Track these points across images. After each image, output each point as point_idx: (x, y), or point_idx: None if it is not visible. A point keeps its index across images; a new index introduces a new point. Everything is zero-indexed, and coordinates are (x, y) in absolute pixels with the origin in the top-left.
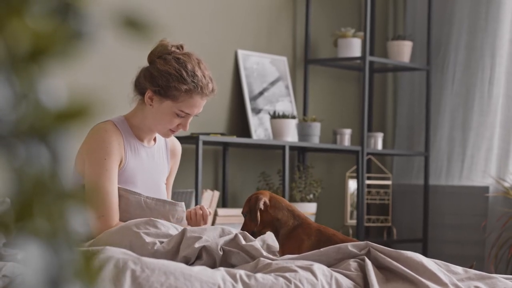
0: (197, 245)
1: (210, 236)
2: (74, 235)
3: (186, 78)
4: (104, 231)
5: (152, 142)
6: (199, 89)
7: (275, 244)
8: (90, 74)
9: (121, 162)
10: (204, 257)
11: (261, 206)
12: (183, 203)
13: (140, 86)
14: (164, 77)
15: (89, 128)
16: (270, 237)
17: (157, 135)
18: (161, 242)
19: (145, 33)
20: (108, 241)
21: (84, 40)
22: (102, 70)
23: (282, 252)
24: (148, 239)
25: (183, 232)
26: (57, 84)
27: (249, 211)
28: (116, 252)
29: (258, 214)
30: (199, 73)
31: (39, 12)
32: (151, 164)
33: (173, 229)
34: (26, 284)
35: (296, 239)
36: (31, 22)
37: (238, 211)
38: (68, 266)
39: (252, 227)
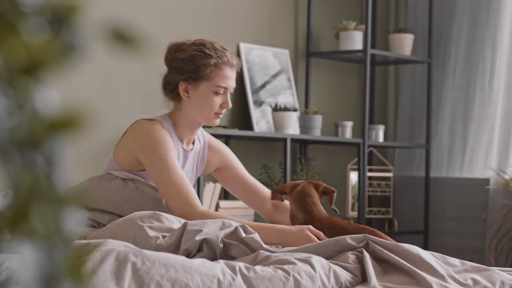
0: (198, 237)
1: (211, 229)
2: (69, 236)
3: (210, 53)
4: (109, 224)
5: (191, 145)
6: (225, 59)
7: None
8: (84, 85)
9: None
10: (205, 249)
11: (283, 192)
12: None
13: (170, 85)
14: (189, 61)
15: (136, 127)
16: None
17: (197, 138)
18: (164, 237)
19: (134, 46)
20: (113, 232)
21: (76, 53)
22: (96, 81)
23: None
24: (151, 233)
25: (184, 225)
26: (52, 95)
27: (280, 189)
28: (117, 245)
29: (282, 197)
30: (218, 46)
31: (33, 26)
32: (186, 173)
33: (177, 223)
34: (21, 284)
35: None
36: (27, 37)
37: (239, 204)
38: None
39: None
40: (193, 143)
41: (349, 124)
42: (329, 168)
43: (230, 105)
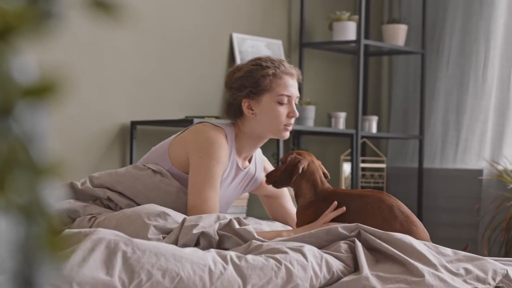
0: (195, 231)
1: (207, 222)
2: (46, 208)
3: (267, 65)
4: (119, 212)
5: (247, 163)
6: (283, 68)
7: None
8: (63, 53)
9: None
10: (202, 242)
11: (300, 171)
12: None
13: (233, 106)
14: (248, 76)
15: (194, 127)
16: (267, 225)
17: (254, 161)
18: (164, 238)
19: (113, 13)
20: (118, 223)
21: (53, 20)
22: (92, 61)
23: (297, 218)
24: (151, 235)
25: (182, 222)
26: (28, 62)
27: (286, 169)
28: (108, 234)
29: (294, 178)
30: (274, 58)
31: None
32: (231, 188)
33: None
34: None
35: (309, 214)
36: (1, 2)
37: None
38: (39, 240)
39: (276, 176)
40: (249, 161)
41: (342, 115)
42: (322, 159)
43: (297, 114)
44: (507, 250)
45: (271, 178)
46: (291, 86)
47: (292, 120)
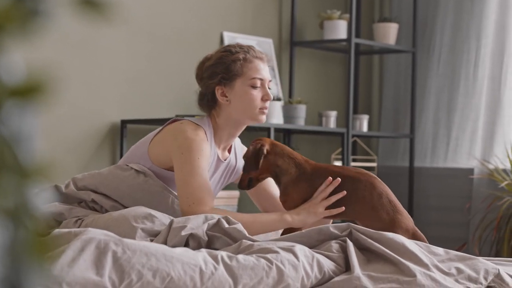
0: (183, 233)
1: (195, 223)
2: (33, 211)
3: (235, 50)
4: (106, 214)
5: (227, 153)
6: (252, 52)
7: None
8: (52, 51)
9: None
10: (191, 244)
11: (264, 152)
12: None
13: (206, 96)
14: (218, 63)
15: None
16: None
17: (234, 150)
18: (152, 240)
19: (102, 11)
20: (104, 227)
21: (40, 18)
22: (83, 60)
23: (284, 200)
24: (139, 238)
25: (170, 224)
26: (15, 61)
27: (250, 157)
28: (98, 233)
29: (261, 160)
30: (242, 44)
31: None
32: (214, 181)
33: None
34: None
35: (299, 189)
36: None
37: (223, 193)
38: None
39: (252, 173)
40: (229, 151)
41: (333, 114)
42: (313, 158)
43: (271, 96)
44: (498, 249)
45: (243, 183)
46: (262, 69)
47: (267, 104)
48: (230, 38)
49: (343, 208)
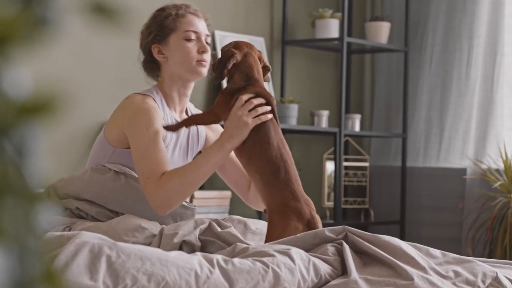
0: (176, 240)
1: (186, 229)
2: (39, 236)
3: (168, 8)
4: (94, 226)
5: (185, 114)
6: (185, 9)
7: (261, 227)
8: (60, 64)
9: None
10: (185, 250)
11: (229, 67)
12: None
13: (147, 56)
14: (152, 22)
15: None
16: (252, 223)
17: (190, 112)
18: None
19: (115, 19)
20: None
21: (49, 27)
22: (73, 59)
23: (214, 107)
24: None
25: (161, 232)
26: (23, 75)
27: (220, 60)
28: (91, 237)
29: (225, 71)
30: (178, 3)
31: None
32: (178, 151)
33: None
34: None
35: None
36: None
37: (215, 194)
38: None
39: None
40: (187, 113)
41: (325, 113)
42: (305, 158)
43: (208, 49)
44: (491, 250)
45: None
46: (196, 23)
47: (205, 56)
48: (222, 37)
49: (271, 115)
